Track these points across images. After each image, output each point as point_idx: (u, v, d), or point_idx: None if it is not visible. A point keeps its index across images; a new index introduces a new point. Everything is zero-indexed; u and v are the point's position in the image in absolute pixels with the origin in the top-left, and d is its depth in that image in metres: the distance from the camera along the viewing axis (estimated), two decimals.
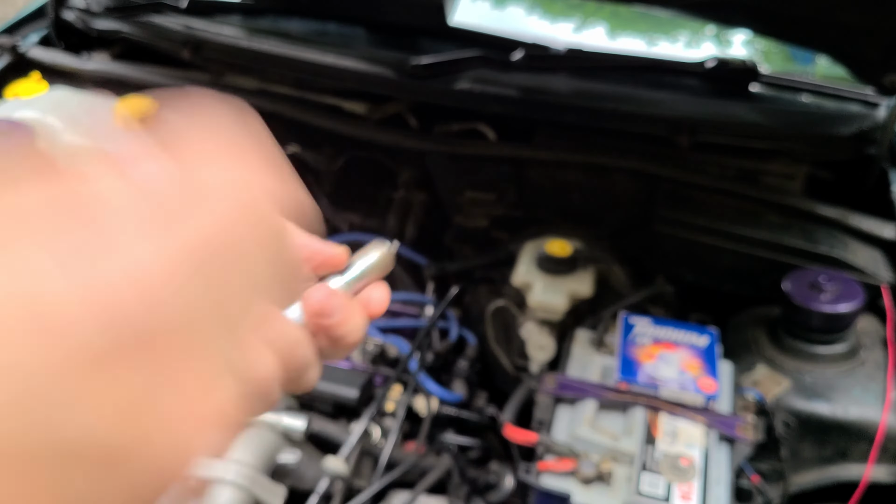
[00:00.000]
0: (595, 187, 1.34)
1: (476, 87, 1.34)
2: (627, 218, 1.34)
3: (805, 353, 1.01)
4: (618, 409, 0.92)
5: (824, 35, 1.06)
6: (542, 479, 0.84)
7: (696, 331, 0.99)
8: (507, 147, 1.34)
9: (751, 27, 1.25)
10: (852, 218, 1.20)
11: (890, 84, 1.10)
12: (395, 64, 1.38)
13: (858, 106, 1.39)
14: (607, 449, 0.86)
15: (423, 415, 1.07)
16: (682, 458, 0.84)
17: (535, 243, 1.17)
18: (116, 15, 1.52)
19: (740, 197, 1.23)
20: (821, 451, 0.98)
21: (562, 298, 1.07)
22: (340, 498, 0.97)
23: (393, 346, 1.14)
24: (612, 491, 0.83)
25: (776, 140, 1.27)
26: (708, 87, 1.44)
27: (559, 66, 1.42)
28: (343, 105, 1.44)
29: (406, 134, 1.37)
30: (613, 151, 1.31)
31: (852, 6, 0.96)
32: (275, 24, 1.58)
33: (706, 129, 1.27)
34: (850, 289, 1.00)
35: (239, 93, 1.43)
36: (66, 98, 1.40)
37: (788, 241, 1.16)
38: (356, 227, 1.47)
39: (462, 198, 1.38)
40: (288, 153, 1.45)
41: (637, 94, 1.35)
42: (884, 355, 1.02)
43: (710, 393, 0.90)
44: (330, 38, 1.53)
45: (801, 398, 0.97)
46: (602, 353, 1.01)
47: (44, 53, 1.51)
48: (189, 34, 1.45)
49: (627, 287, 1.23)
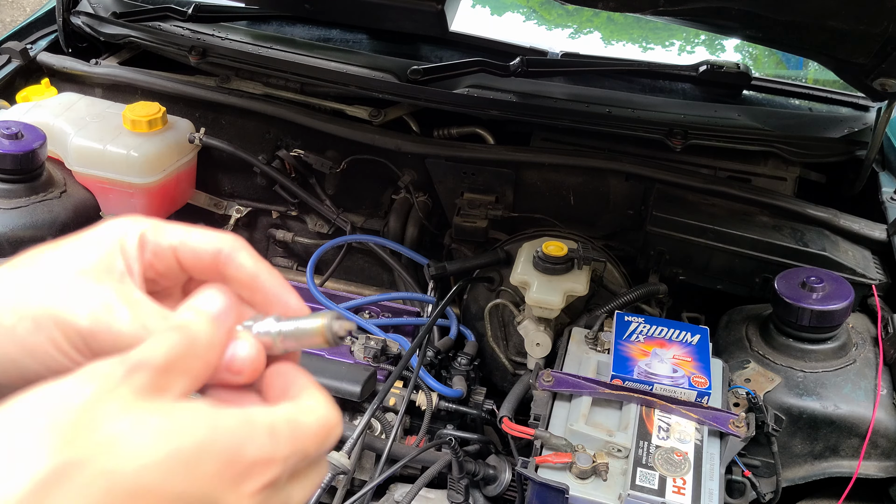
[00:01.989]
0: (590, 189, 1.37)
1: (475, 92, 1.37)
2: (622, 219, 1.37)
3: (796, 351, 1.03)
4: (613, 404, 0.94)
5: (815, 40, 1.09)
6: (539, 472, 0.86)
7: (688, 329, 1.01)
8: (505, 150, 1.37)
9: (743, 33, 1.28)
10: (843, 219, 1.23)
11: (880, 88, 1.12)
12: (396, 70, 1.42)
13: (848, 109, 1.42)
14: (602, 443, 0.88)
15: (423, 410, 1.09)
16: (676, 453, 0.86)
17: (532, 244, 1.19)
18: (124, 20, 1.55)
19: (732, 198, 1.26)
20: (811, 447, 1.00)
21: (558, 297, 1.10)
22: (343, 491, 0.99)
23: (394, 343, 1.17)
24: (607, 484, 0.85)
25: (767, 143, 1.30)
26: (701, 91, 1.47)
27: (555, 72, 1.45)
28: (346, 109, 1.47)
29: (407, 137, 1.40)
30: (608, 154, 1.34)
31: (842, 12, 0.98)
32: (279, 30, 1.61)
33: (699, 133, 1.30)
34: (841, 288, 1.02)
35: (244, 97, 1.47)
36: (75, 102, 1.43)
37: (780, 241, 1.19)
38: (358, 228, 1.50)
39: (461, 199, 1.40)
40: (292, 155, 1.48)
41: (631, 99, 1.38)
42: (874, 353, 1.04)
43: (703, 389, 0.92)
44: (333, 45, 1.56)
45: (792, 395, 0.99)
46: (597, 351, 1.04)
47: (52, 58, 1.54)
48: (195, 40, 1.48)
49: (622, 286, 1.26)
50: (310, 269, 1.38)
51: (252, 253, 0.39)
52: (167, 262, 0.38)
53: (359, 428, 0.96)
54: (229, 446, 0.30)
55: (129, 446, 0.28)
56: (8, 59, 1.52)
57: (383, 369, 1.12)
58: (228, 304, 0.36)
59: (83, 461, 0.27)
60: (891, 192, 1.26)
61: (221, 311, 0.35)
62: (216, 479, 0.29)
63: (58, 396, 0.28)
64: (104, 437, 0.28)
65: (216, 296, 0.36)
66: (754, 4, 1.02)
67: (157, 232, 0.38)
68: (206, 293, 0.36)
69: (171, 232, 0.38)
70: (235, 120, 1.52)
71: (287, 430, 0.32)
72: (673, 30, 1.77)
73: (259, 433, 0.31)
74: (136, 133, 1.34)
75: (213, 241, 0.38)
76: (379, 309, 1.34)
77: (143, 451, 0.28)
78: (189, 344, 0.32)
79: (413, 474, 1.04)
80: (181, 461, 0.28)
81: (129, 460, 0.28)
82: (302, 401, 0.34)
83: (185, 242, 0.38)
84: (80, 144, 1.32)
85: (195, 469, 0.29)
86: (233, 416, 0.31)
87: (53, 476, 0.26)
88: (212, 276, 0.39)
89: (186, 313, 0.34)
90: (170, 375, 0.31)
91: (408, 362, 1.09)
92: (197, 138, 1.40)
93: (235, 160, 1.46)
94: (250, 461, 0.30)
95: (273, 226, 1.57)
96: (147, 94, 1.49)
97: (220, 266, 0.38)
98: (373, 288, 1.46)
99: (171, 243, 0.38)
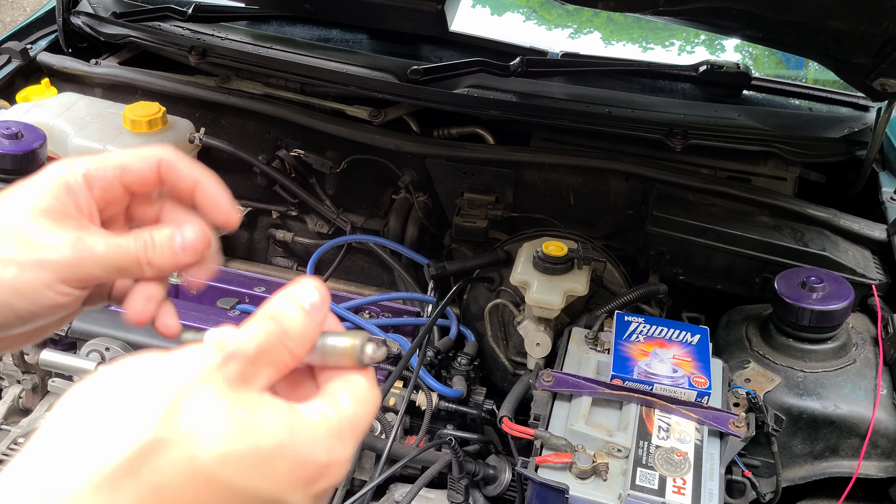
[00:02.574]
0: (590, 189, 1.37)
1: (475, 92, 1.38)
2: (622, 219, 1.37)
3: (796, 351, 1.03)
4: (613, 404, 0.94)
5: (815, 40, 1.09)
6: (539, 472, 0.86)
7: (688, 329, 1.01)
8: (505, 150, 1.37)
9: (743, 33, 1.28)
10: (843, 219, 1.23)
11: (880, 88, 1.12)
12: (396, 70, 1.42)
13: (848, 109, 1.42)
14: (602, 443, 0.88)
15: (423, 410, 1.09)
16: (676, 453, 0.86)
17: (532, 244, 1.19)
18: (124, 20, 1.55)
19: (732, 198, 1.26)
20: (811, 447, 1.00)
21: (558, 297, 1.10)
22: (343, 491, 0.99)
23: (394, 343, 1.17)
24: (607, 484, 0.85)
25: (767, 143, 1.30)
26: (701, 91, 1.48)
27: (555, 72, 1.45)
28: (346, 109, 1.47)
29: (407, 138, 1.40)
30: (608, 154, 1.34)
31: (842, 12, 0.98)
32: (279, 30, 1.61)
33: (699, 133, 1.30)
34: (841, 288, 1.02)
35: (244, 97, 1.47)
36: (75, 102, 1.43)
37: (780, 241, 1.19)
38: (358, 228, 1.50)
39: (461, 199, 1.40)
40: (292, 155, 1.48)
41: (631, 99, 1.38)
42: (874, 353, 1.04)
43: (703, 389, 0.92)
44: (333, 45, 1.56)
45: (793, 395, 0.99)
46: (597, 351, 1.04)
47: (52, 58, 1.54)
48: (195, 40, 1.48)
49: (622, 286, 1.26)
50: (310, 270, 1.38)
51: (188, 160, 0.42)
52: (115, 191, 0.41)
53: None
54: (304, 450, 0.31)
55: (215, 435, 0.30)
56: (8, 59, 1.52)
57: (383, 369, 1.12)
58: (323, 297, 0.36)
59: (174, 441, 0.29)
60: (891, 192, 1.26)
61: (316, 304, 0.35)
62: (287, 479, 0.31)
63: (163, 374, 0.31)
64: (195, 422, 0.30)
65: (312, 289, 0.36)
66: (754, 4, 1.02)
67: (99, 167, 0.41)
68: (303, 285, 0.36)
69: (110, 162, 0.41)
70: (235, 120, 1.52)
71: (350, 429, 0.33)
72: (673, 30, 1.77)
73: (331, 437, 0.32)
74: (136, 133, 1.34)
75: (150, 156, 0.41)
76: (379, 309, 1.34)
77: (226, 442, 0.30)
78: (282, 335, 0.33)
79: (413, 474, 1.03)
80: (258, 458, 0.30)
81: (212, 448, 0.30)
82: (357, 390, 0.35)
83: (126, 167, 0.41)
84: (80, 144, 1.32)
85: (269, 468, 0.30)
86: (309, 421, 0.32)
87: (147, 449, 0.29)
88: (154, 187, 0.42)
89: (282, 303, 0.35)
90: (259, 365, 0.32)
91: (408, 362, 1.09)
92: (197, 138, 1.40)
93: (235, 160, 1.46)
94: (321, 465, 0.32)
95: (273, 226, 1.57)
96: (147, 94, 1.49)
97: (162, 175, 0.42)
98: (373, 288, 1.46)
99: (114, 172, 0.40)
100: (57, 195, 0.39)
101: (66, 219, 0.38)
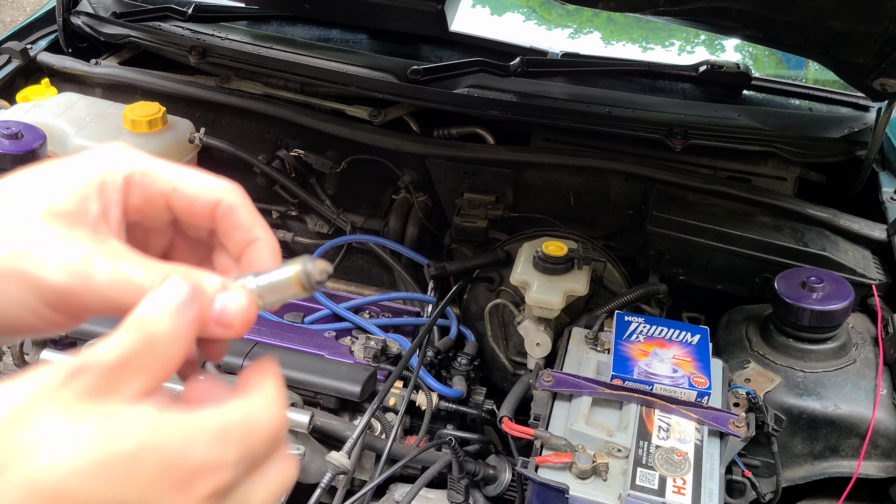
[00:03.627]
0: (590, 189, 1.37)
1: (475, 92, 1.38)
2: (621, 219, 1.37)
3: (796, 351, 1.03)
4: (613, 404, 0.94)
5: (815, 40, 1.09)
6: (539, 472, 0.86)
7: (688, 329, 1.01)
8: (505, 150, 1.37)
9: (743, 33, 1.28)
10: (843, 219, 1.23)
11: (880, 88, 1.12)
12: (396, 70, 1.42)
13: (848, 109, 1.42)
14: (602, 443, 0.88)
15: (423, 410, 1.09)
16: (676, 453, 0.86)
17: (532, 244, 1.19)
18: (124, 20, 1.56)
19: (732, 198, 1.26)
20: (811, 447, 1.00)
21: (558, 297, 1.10)
22: (343, 491, 0.99)
23: (394, 343, 1.17)
24: (607, 484, 0.85)
25: (767, 143, 1.30)
26: (701, 91, 1.48)
27: (555, 72, 1.45)
28: (346, 109, 1.47)
29: (407, 138, 1.40)
30: (608, 154, 1.34)
31: (842, 12, 0.98)
32: (279, 30, 1.61)
33: (699, 133, 1.30)
34: (841, 288, 1.02)
35: (244, 97, 1.47)
36: (75, 102, 1.43)
37: (780, 241, 1.19)
38: (358, 228, 1.50)
39: (461, 199, 1.40)
40: (292, 155, 1.48)
41: (631, 99, 1.38)
42: (874, 353, 1.04)
43: (703, 389, 0.92)
44: (333, 45, 1.56)
45: (793, 395, 0.99)
46: (597, 351, 1.04)
47: (53, 58, 1.54)
48: (195, 40, 1.49)
49: (622, 286, 1.26)
50: None
51: (252, 210, 0.36)
52: (157, 207, 0.36)
53: (359, 428, 0.97)
54: (171, 451, 0.29)
55: (56, 449, 0.27)
56: (8, 59, 1.52)
57: (383, 369, 1.12)
58: (192, 292, 0.32)
59: (8, 464, 0.27)
60: (891, 192, 1.26)
61: (183, 302, 0.32)
62: (155, 484, 0.28)
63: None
64: (31, 439, 0.27)
65: (178, 286, 0.32)
66: (754, 4, 1.02)
67: (147, 175, 0.35)
68: (168, 283, 0.33)
69: (164, 176, 0.35)
70: (235, 120, 1.52)
71: (238, 433, 0.30)
72: (673, 30, 1.77)
73: (206, 437, 0.29)
74: (136, 133, 1.34)
75: (212, 190, 0.36)
76: (379, 309, 1.34)
77: (70, 454, 0.27)
78: (146, 342, 0.31)
79: (413, 474, 1.03)
80: (114, 466, 0.27)
81: (53, 464, 0.27)
82: (253, 398, 0.32)
83: (180, 190, 0.35)
84: (80, 144, 1.32)
85: (130, 474, 0.28)
86: (178, 419, 0.29)
87: None
88: (204, 225, 0.36)
89: (147, 307, 0.32)
90: (121, 376, 0.30)
91: (408, 362, 1.09)
92: (197, 138, 1.41)
93: (235, 160, 1.46)
94: (195, 466, 0.29)
95: (273, 226, 1.57)
96: (147, 94, 1.49)
97: (217, 219, 0.36)
98: (373, 288, 1.46)
99: (162, 189, 0.35)
100: (84, 198, 0.34)
101: (81, 226, 0.33)
